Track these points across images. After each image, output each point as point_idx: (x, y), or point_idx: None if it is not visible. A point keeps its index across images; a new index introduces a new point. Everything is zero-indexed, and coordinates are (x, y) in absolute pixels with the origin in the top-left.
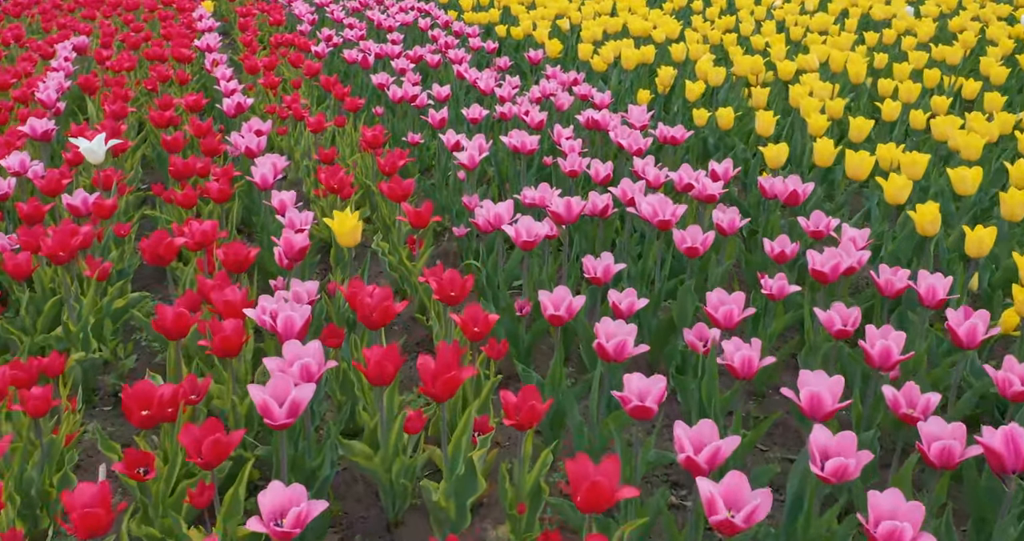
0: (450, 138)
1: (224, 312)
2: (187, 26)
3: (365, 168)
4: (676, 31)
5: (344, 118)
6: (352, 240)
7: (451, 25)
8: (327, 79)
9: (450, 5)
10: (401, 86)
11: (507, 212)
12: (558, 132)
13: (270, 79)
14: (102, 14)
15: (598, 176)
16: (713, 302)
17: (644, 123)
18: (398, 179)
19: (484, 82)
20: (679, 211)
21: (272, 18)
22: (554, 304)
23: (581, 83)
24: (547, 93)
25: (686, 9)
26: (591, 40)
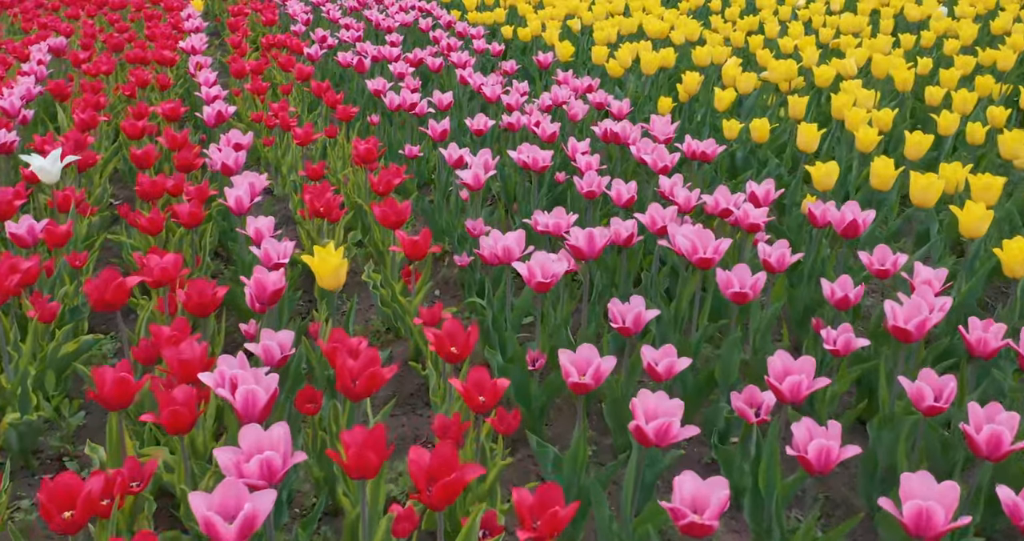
0: (452, 153)
1: (178, 374)
2: (174, 26)
3: (358, 184)
4: (696, 32)
5: (335, 128)
6: (335, 282)
7: (454, 26)
8: (318, 85)
9: (453, 4)
10: (399, 93)
11: (517, 244)
12: (573, 146)
13: (257, 84)
14: (86, 13)
15: (620, 198)
16: (776, 370)
17: (669, 136)
18: (392, 202)
19: (490, 89)
20: (723, 247)
21: (264, 17)
22: (578, 367)
23: (596, 90)
24: (559, 101)
25: (703, 9)
26: (605, 42)
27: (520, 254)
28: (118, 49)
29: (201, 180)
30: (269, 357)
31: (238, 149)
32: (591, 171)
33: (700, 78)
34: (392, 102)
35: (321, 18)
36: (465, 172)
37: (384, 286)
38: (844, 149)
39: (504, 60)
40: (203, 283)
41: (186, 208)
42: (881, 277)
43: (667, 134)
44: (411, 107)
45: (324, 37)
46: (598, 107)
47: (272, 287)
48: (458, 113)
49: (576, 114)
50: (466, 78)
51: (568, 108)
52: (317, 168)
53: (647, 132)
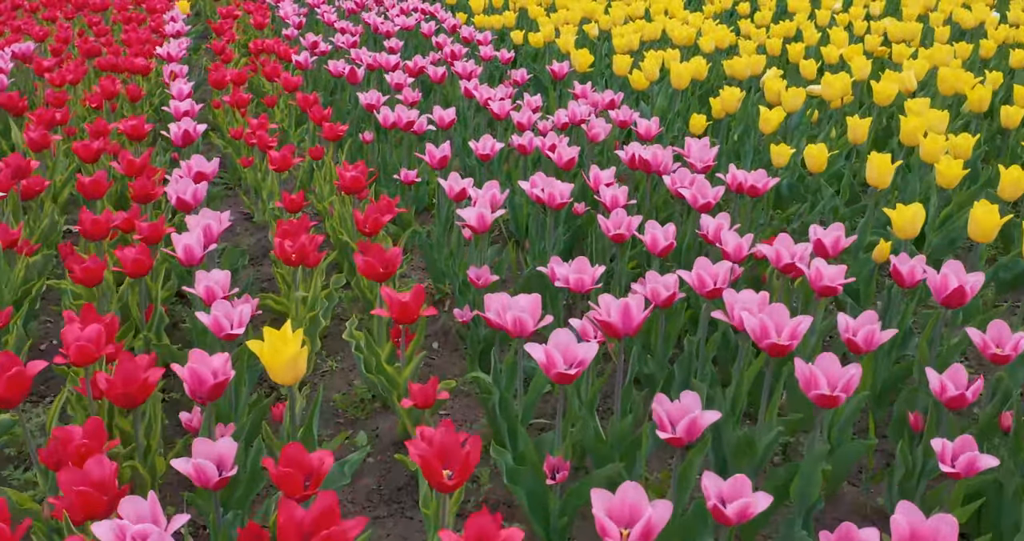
0: (453, 185)
1: (77, 509)
2: (155, 30)
3: (344, 217)
4: (727, 39)
5: (321, 149)
6: (291, 376)
7: (459, 30)
8: (304, 98)
9: (458, 7)
10: (395, 108)
11: (531, 313)
12: (595, 176)
13: (237, 96)
14: (64, 15)
15: (656, 245)
16: (901, 531)
17: (708, 164)
18: (378, 249)
19: (497, 104)
20: (801, 329)
21: (254, 20)
22: (615, 514)
23: (619, 105)
24: (577, 119)
25: (730, 13)
26: (626, 50)
27: (535, 325)
28: (92, 55)
29: (167, 212)
30: (203, 479)
31: (199, 179)
32: (619, 210)
33: (741, 94)
34: (386, 119)
35: (317, 21)
36: (468, 211)
37: (368, 349)
38: (916, 181)
39: (514, 68)
40: (133, 365)
41: (131, 254)
42: (998, 363)
43: (706, 161)
44: (407, 126)
45: (316, 43)
46: (622, 126)
47: (213, 380)
48: (462, 130)
49: (597, 135)
50: (471, 91)
51: (588, 128)
52: (296, 199)
53: (682, 158)
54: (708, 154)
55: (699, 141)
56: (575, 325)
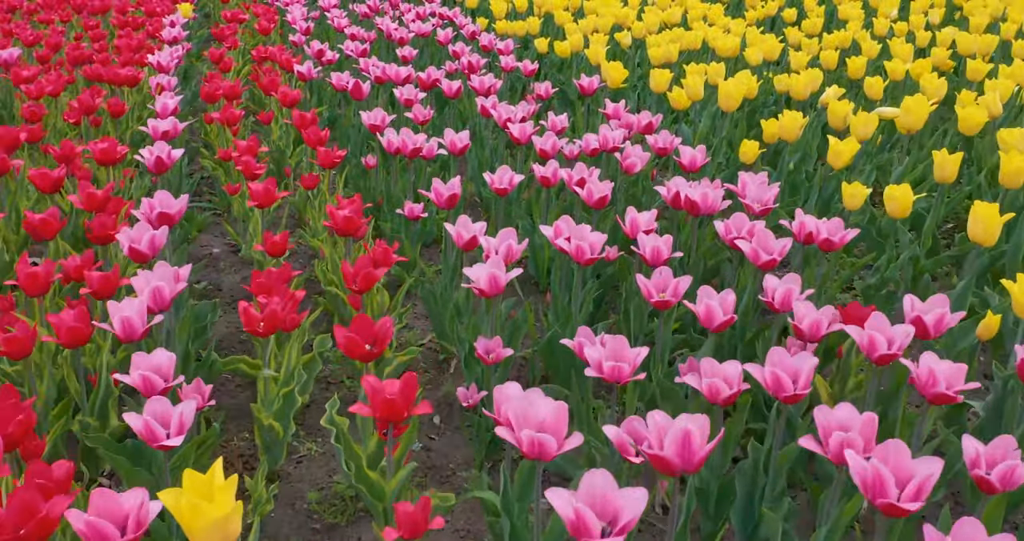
0: (462, 231)
1: None
2: (152, 35)
3: (335, 262)
4: (775, 50)
5: (315, 178)
6: None
7: (478, 37)
8: (301, 116)
9: (479, 10)
10: (402, 130)
11: (554, 430)
12: (633, 222)
13: (228, 112)
14: (59, 18)
15: (712, 319)
16: None
17: (768, 206)
18: (365, 321)
19: (518, 128)
20: (929, 484)
21: (259, 24)
22: None
23: (657, 128)
24: (609, 145)
25: (775, 20)
26: (663, 62)
27: (559, 448)
28: (80, 63)
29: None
30: None
31: (162, 221)
32: (662, 269)
33: (803, 121)
34: (390, 144)
35: (327, 26)
36: (478, 270)
37: (349, 452)
38: (1021, 232)
39: (537, 80)
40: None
41: (67, 320)
42: None
43: (764, 202)
44: (413, 153)
45: (321, 51)
46: (661, 153)
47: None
48: (478, 151)
49: (633, 165)
50: (487, 109)
51: (621, 157)
52: (278, 241)
53: (734, 195)
54: (767, 194)
55: (755, 177)
56: (612, 436)
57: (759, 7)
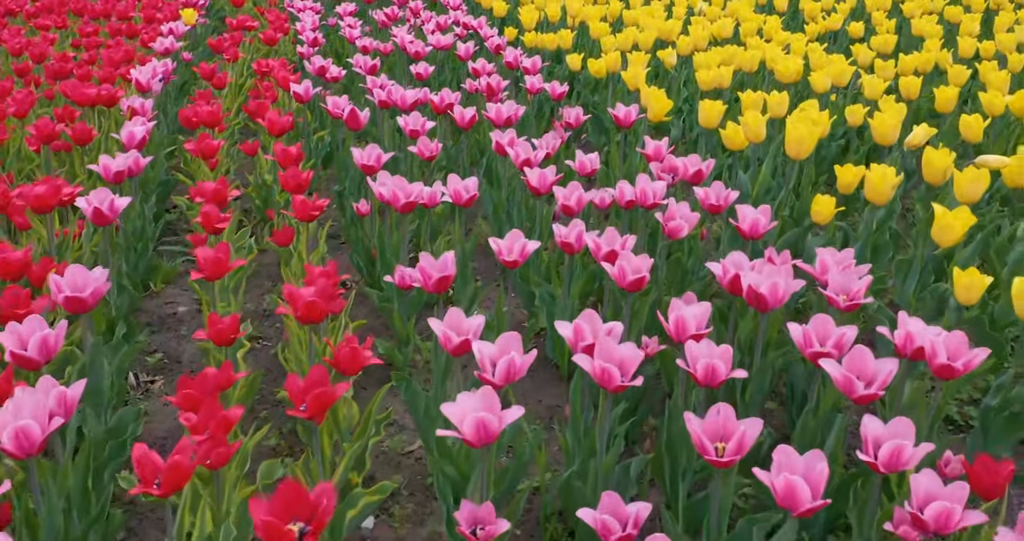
0: (450, 334)
1: None
2: (146, 45)
3: (299, 359)
4: (845, 74)
5: (288, 233)
6: None
7: (503, 52)
8: (284, 152)
9: (509, 19)
10: (409, 159)
11: None
12: (679, 322)
13: (204, 143)
14: (54, 24)
15: (795, 500)
16: None
17: (857, 299)
18: (295, 494)
19: (536, 177)
20: None
21: (265, 34)
22: None
23: (708, 177)
24: (648, 200)
25: (834, 34)
26: (713, 86)
27: None
28: (61, 77)
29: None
30: None
31: (73, 307)
32: (722, 410)
33: (896, 180)
34: (382, 194)
35: (338, 37)
36: (462, 409)
37: None
38: None
39: (569, 100)
40: None
41: None
42: None
43: (853, 294)
44: (406, 207)
45: (323, 68)
46: (712, 211)
47: None
48: (493, 193)
49: (678, 229)
50: (504, 147)
51: (664, 218)
52: (225, 327)
53: (808, 277)
54: (855, 283)
55: (839, 256)
56: None
57: (820, 19)
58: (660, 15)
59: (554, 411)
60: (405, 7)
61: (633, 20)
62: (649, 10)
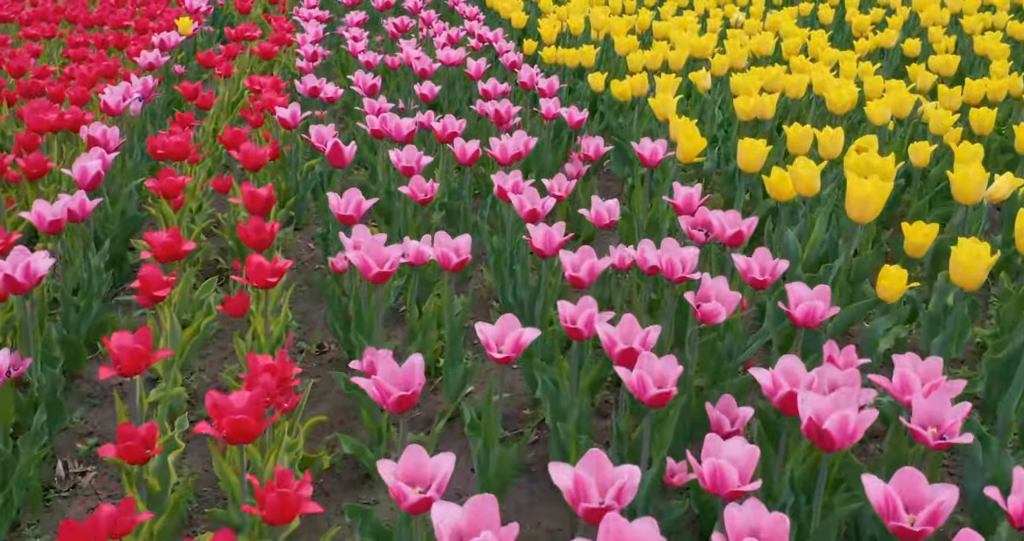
0: (404, 490)
1: None
2: (133, 57)
3: (231, 480)
4: (906, 103)
5: (243, 300)
6: None
7: (518, 70)
8: (252, 195)
9: (529, 30)
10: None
11: None
12: (714, 471)
13: (165, 180)
14: (43, 34)
15: None
16: None
17: (952, 435)
18: None
19: (542, 235)
20: None
21: (261, 46)
22: None
23: (749, 240)
24: (675, 273)
25: (881, 51)
26: (753, 114)
27: None
28: (34, 95)
29: None
30: None
31: None
32: None
33: (989, 260)
34: (363, 265)
35: (342, 52)
36: None
37: None
38: None
39: (589, 124)
40: None
41: None
42: None
43: (947, 427)
44: (379, 278)
45: (315, 89)
46: (757, 286)
47: None
48: (496, 243)
49: (714, 314)
50: (506, 192)
51: (696, 297)
52: (138, 444)
53: (889, 398)
54: (948, 414)
55: (923, 367)
56: None
57: (869, 34)
58: (693, 27)
59: (556, 537)
60: (417, 16)
61: (663, 33)
62: (681, 21)
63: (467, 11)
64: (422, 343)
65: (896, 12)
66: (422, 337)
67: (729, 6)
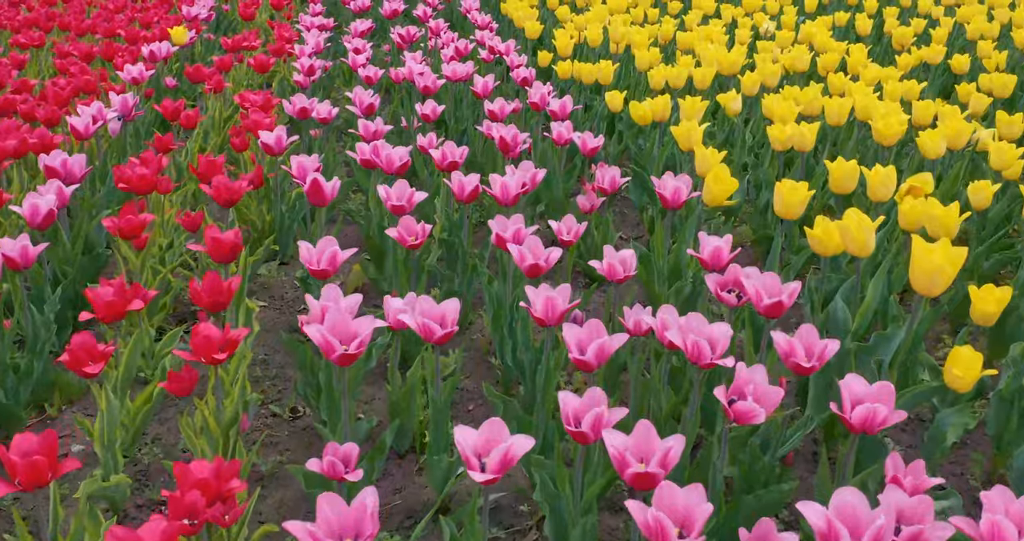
0: None
1: None
2: (110, 72)
3: None
4: (962, 134)
5: (192, 377)
6: None
7: (528, 88)
8: (215, 243)
9: (542, 41)
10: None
11: None
12: None
13: (126, 217)
14: (32, 43)
15: None
16: None
17: None
18: None
19: (542, 303)
20: None
21: (256, 59)
22: None
23: (791, 304)
24: (703, 359)
25: (925, 67)
26: (787, 146)
27: None
28: (5, 112)
29: None
30: None
31: None
32: None
33: None
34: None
35: (343, 66)
36: None
37: None
38: None
39: (607, 147)
40: None
41: None
42: None
43: None
44: (345, 360)
45: (303, 110)
46: (800, 372)
47: None
48: (495, 289)
49: (751, 415)
50: (505, 241)
51: (730, 394)
52: None
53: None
54: None
55: (1017, 506)
56: None
57: (912, 48)
58: (720, 39)
59: None
60: (425, 25)
61: (688, 44)
62: (707, 31)
63: (479, 19)
64: (406, 416)
65: (939, 23)
66: (405, 409)
67: (758, 15)
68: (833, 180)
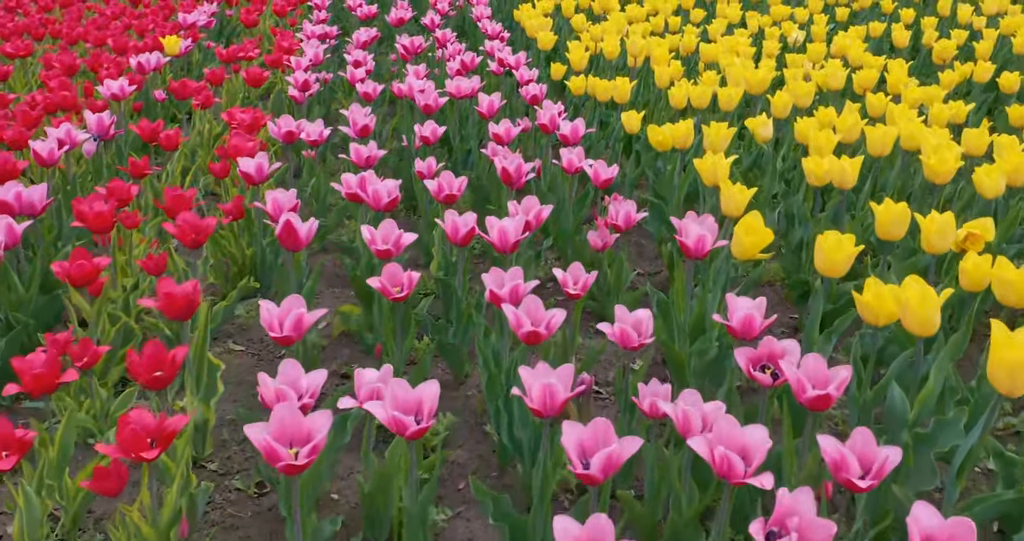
0: None
1: None
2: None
3: None
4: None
5: (118, 476)
6: None
7: (538, 107)
8: (168, 298)
9: (556, 53)
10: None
11: None
12: None
13: (77, 261)
14: (19, 53)
15: None
16: None
17: None
18: None
19: (538, 391)
20: None
21: (249, 71)
22: None
23: (838, 391)
24: (734, 471)
25: (968, 87)
26: (825, 181)
27: None
28: None
29: None
30: None
31: None
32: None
33: None
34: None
35: (343, 81)
36: None
37: None
38: None
39: (620, 180)
40: None
41: None
42: None
43: None
44: (290, 470)
45: (290, 133)
46: (855, 489)
47: None
48: (489, 349)
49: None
50: (499, 300)
51: (771, 524)
52: None
53: None
54: None
55: None
56: None
57: (955, 64)
58: (746, 51)
59: None
60: (431, 34)
61: (711, 57)
62: (732, 42)
63: (491, 29)
64: (383, 510)
65: (982, 35)
66: (382, 504)
67: (787, 24)
68: (880, 225)
